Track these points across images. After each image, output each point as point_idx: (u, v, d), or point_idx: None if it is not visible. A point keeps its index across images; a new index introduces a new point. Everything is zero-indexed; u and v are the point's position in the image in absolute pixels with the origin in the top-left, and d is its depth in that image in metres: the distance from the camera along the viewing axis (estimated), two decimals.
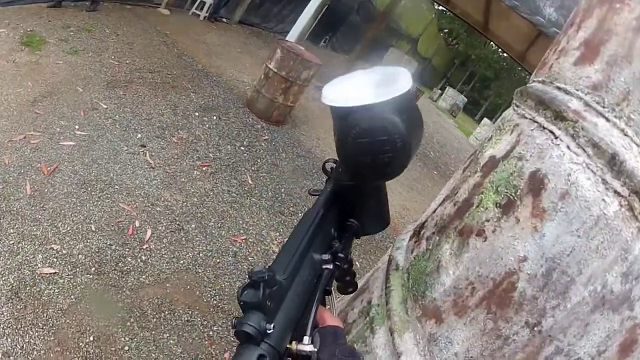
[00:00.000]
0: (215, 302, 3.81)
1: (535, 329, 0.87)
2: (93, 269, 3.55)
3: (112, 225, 4.04)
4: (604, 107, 0.93)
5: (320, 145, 8.12)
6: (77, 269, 3.48)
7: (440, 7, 17.17)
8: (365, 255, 5.58)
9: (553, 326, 0.85)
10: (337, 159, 0.97)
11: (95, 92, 5.92)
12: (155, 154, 5.34)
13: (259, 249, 4.70)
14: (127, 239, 3.98)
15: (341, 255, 0.86)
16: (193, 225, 4.53)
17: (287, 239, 0.82)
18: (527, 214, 0.94)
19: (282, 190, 6.05)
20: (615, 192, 0.83)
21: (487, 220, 1.03)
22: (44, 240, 3.58)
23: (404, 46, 24.46)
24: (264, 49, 8.17)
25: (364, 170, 0.84)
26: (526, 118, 1.10)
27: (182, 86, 7.36)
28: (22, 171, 4.12)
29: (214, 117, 6.94)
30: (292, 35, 9.18)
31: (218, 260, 4.26)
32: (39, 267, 3.35)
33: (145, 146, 5.38)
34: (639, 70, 0.91)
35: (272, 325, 0.61)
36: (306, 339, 0.68)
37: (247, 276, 0.63)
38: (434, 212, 1.30)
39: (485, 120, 23.78)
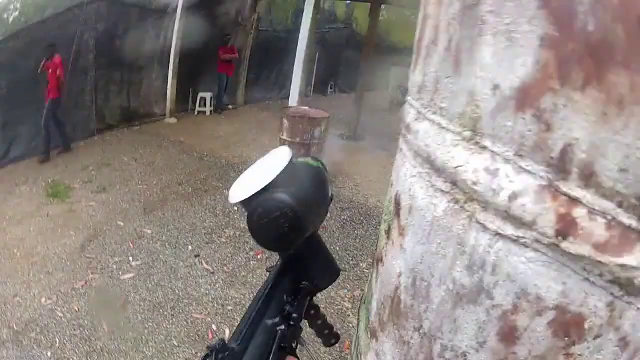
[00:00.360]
0: None
1: (421, 331, 0.99)
2: None
3: (192, 335, 4.48)
4: (425, 108, 0.99)
5: (361, 191, 8.45)
6: None
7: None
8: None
9: (431, 327, 0.96)
10: None
11: (136, 222, 6.55)
12: (210, 259, 5.82)
13: (332, 310, 5.01)
14: (209, 342, 4.34)
15: (295, 315, 0.95)
16: None
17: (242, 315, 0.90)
18: (396, 235, 1.08)
19: (337, 248, 6.37)
20: (442, 191, 0.89)
21: (383, 247, 1.19)
22: None
23: (404, 60, 24.62)
24: (276, 121, 8.56)
25: (275, 243, 0.94)
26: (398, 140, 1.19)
27: (213, 187, 7.96)
28: (94, 313, 4.66)
29: None
30: (292, 97, 9.70)
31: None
32: None
33: (198, 255, 5.88)
34: (444, 48, 0.93)
35: None
36: None
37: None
38: None
39: None
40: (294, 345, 0.97)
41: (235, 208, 7.15)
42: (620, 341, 0.72)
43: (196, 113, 12.69)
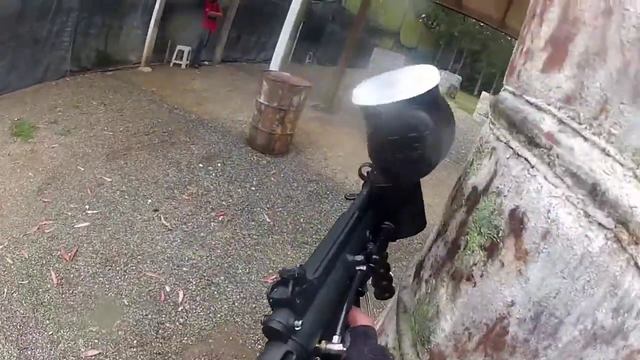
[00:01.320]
0: (259, 345, 4.03)
1: None
2: (135, 341, 3.78)
3: (144, 295, 4.28)
4: (580, 123, 0.87)
5: (329, 165, 8.40)
6: (120, 345, 3.72)
7: None
8: (396, 262, 5.69)
9: None
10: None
11: (97, 168, 6.25)
12: (169, 215, 5.60)
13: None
14: (162, 305, 4.22)
15: (375, 257, 0.89)
16: (222, 277, 4.76)
17: (321, 241, 0.84)
18: (510, 258, 0.93)
19: (301, 220, 6.29)
20: (600, 224, 0.79)
21: (475, 264, 1.04)
22: (81, 325, 3.82)
23: (387, 42, 24.88)
24: (252, 83, 8.47)
25: (397, 168, 0.88)
26: (501, 141, 1.07)
27: (180, 141, 7.71)
28: (44, 262, 4.39)
29: (219, 164, 7.25)
30: (275, 62, 9.52)
31: (254, 305, 4.48)
32: (82, 352, 3.59)
33: (157, 210, 5.66)
34: (616, 69, 0.81)
35: (300, 322, 0.63)
36: (335, 338, 0.70)
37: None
38: (429, 250, 1.34)
39: (484, 93, 23.36)
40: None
41: (201, 165, 6.93)
42: None
43: (171, 65, 12.40)
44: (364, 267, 0.84)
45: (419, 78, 0.84)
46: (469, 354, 1.01)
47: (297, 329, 0.63)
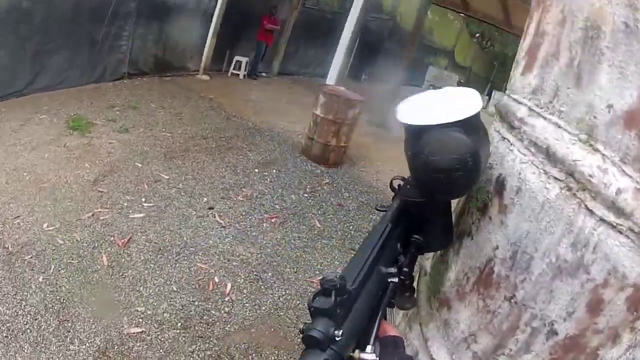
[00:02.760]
0: (299, 339, 3.89)
1: (512, 300, 1.06)
2: (179, 324, 3.77)
3: (193, 284, 4.25)
4: (541, 108, 1.11)
5: (381, 179, 8.22)
6: (164, 326, 3.71)
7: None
8: None
9: (524, 297, 1.03)
10: (404, 176, 1.10)
11: (154, 165, 6.33)
12: (223, 214, 5.58)
13: None
14: (209, 294, 4.18)
15: (406, 269, 0.94)
16: (270, 274, 4.70)
17: (356, 252, 0.88)
18: (495, 212, 1.15)
19: (351, 228, 6.17)
20: (555, 178, 0.99)
21: (472, 222, 1.26)
22: (127, 304, 3.83)
23: (441, 61, 24.62)
24: (309, 96, 8.53)
25: (435, 187, 0.93)
26: (496, 132, 1.32)
27: (237, 146, 7.73)
28: (95, 245, 4.43)
29: (274, 171, 7.21)
30: (331, 77, 9.44)
31: (298, 302, 4.40)
32: (125, 328, 3.60)
33: (212, 208, 5.65)
34: (565, 64, 1.07)
35: (340, 332, 0.66)
36: (369, 347, 0.73)
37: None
38: None
39: None
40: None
41: (256, 170, 6.92)
42: None
43: (229, 74, 12.53)
44: (396, 279, 0.88)
45: (463, 101, 0.89)
46: (466, 296, 1.20)
47: (337, 339, 0.65)
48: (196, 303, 4.04)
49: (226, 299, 4.18)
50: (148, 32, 9.83)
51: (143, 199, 5.44)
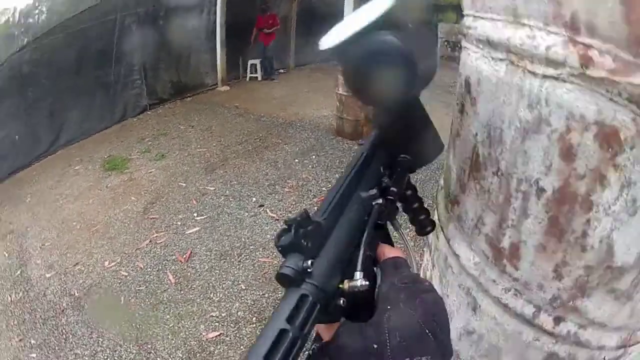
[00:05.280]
0: None
1: (498, 173, 1.10)
2: (254, 318, 3.81)
3: (259, 279, 4.27)
4: (477, 12, 1.17)
5: None
6: (240, 324, 3.76)
7: None
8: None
9: (507, 165, 1.07)
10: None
11: (198, 181, 6.38)
12: (274, 208, 5.58)
13: None
14: (277, 284, 4.09)
15: (393, 189, 0.88)
16: None
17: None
18: (469, 106, 1.21)
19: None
20: (500, 59, 1.07)
21: (457, 124, 1.31)
22: (201, 313, 3.88)
23: (450, 16, 24.25)
24: (329, 80, 8.47)
25: (380, 95, 0.86)
26: (462, 48, 1.34)
27: (273, 143, 7.74)
28: (159, 267, 4.51)
29: (313, 157, 7.19)
30: None
31: None
32: (203, 335, 3.66)
33: (263, 205, 5.66)
34: None
35: (310, 262, 0.60)
36: (357, 274, 0.66)
37: None
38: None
39: None
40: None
41: (296, 160, 6.89)
42: None
43: (247, 79, 12.56)
44: (380, 201, 0.82)
45: (374, 6, 0.82)
46: (466, 186, 1.23)
47: (308, 270, 0.60)
48: (266, 295, 4.07)
49: None
50: (158, 61, 9.97)
51: (195, 214, 5.49)
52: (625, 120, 0.84)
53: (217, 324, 3.76)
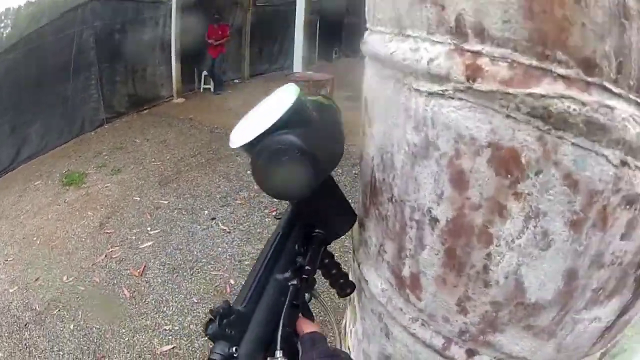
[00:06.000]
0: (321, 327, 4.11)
1: (393, 200, 1.05)
2: None
3: (211, 292, 4.47)
4: (371, 25, 1.15)
5: None
6: (192, 337, 3.94)
7: None
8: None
9: (399, 192, 1.01)
10: None
11: (152, 195, 6.55)
12: (226, 220, 5.77)
13: (345, 266, 4.95)
14: (228, 296, 4.37)
15: (308, 268, 0.92)
16: None
17: (250, 269, 0.90)
18: (367, 127, 1.18)
19: (350, 199, 6.26)
20: (388, 77, 0.99)
21: (361, 147, 1.28)
22: (155, 327, 4.07)
23: None
24: None
25: (284, 189, 0.89)
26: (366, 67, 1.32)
27: (225, 155, 7.84)
28: (115, 282, 4.69)
29: None
30: (296, 65, 9.59)
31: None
32: (157, 348, 3.85)
33: (214, 218, 5.84)
34: None
35: (234, 349, 0.71)
36: (277, 353, 0.75)
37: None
38: None
39: None
40: (306, 299, 0.99)
41: (248, 172, 7.04)
42: (566, 179, 0.76)
43: (202, 90, 12.61)
44: (295, 282, 0.88)
45: (277, 103, 0.86)
46: (369, 210, 1.20)
47: (235, 355, 0.70)
48: None
49: None
50: (114, 74, 10.06)
51: (149, 228, 5.66)
52: (528, 140, 0.76)
53: (170, 337, 3.93)
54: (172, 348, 3.84)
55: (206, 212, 6.01)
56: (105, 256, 5.14)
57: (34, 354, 3.98)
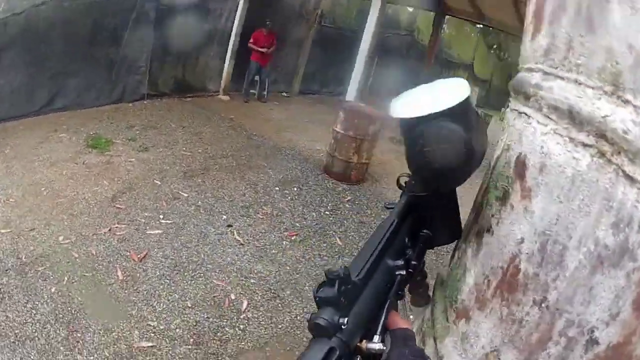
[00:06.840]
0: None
1: (543, 305, 0.90)
2: (192, 340, 3.72)
3: (208, 300, 4.19)
4: (555, 67, 0.99)
5: None
6: (176, 341, 3.67)
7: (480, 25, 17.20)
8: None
9: (558, 299, 0.87)
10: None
11: (173, 183, 6.32)
12: (242, 231, 5.52)
13: None
14: (224, 311, 4.12)
15: (414, 262, 0.92)
16: (288, 292, 4.61)
17: (363, 246, 0.87)
18: (518, 198, 1.02)
19: None
20: (584, 144, 0.85)
21: (492, 216, 1.12)
22: (140, 319, 3.80)
23: (461, 74, 24.40)
24: (330, 115, 8.47)
25: (433, 177, 0.95)
26: (512, 110, 1.20)
27: (257, 165, 7.69)
28: (111, 260, 4.42)
29: (295, 189, 7.13)
30: (350, 94, 9.40)
31: None
32: (135, 342, 3.57)
33: (231, 226, 5.60)
34: (574, 11, 0.96)
35: (345, 320, 0.66)
36: (376, 337, 0.73)
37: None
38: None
39: None
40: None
41: (277, 188, 6.86)
42: None
43: (248, 94, 12.23)
44: (403, 272, 0.87)
45: (451, 91, 0.89)
46: (487, 303, 1.05)
47: (342, 327, 0.66)
48: (210, 319, 3.98)
49: (242, 316, 4.11)
50: (165, 54, 9.94)
51: (161, 216, 5.42)
52: None
53: (152, 334, 3.67)
54: (151, 346, 3.58)
55: (224, 217, 5.78)
56: (109, 230, 4.88)
57: (6, 302, 3.76)
